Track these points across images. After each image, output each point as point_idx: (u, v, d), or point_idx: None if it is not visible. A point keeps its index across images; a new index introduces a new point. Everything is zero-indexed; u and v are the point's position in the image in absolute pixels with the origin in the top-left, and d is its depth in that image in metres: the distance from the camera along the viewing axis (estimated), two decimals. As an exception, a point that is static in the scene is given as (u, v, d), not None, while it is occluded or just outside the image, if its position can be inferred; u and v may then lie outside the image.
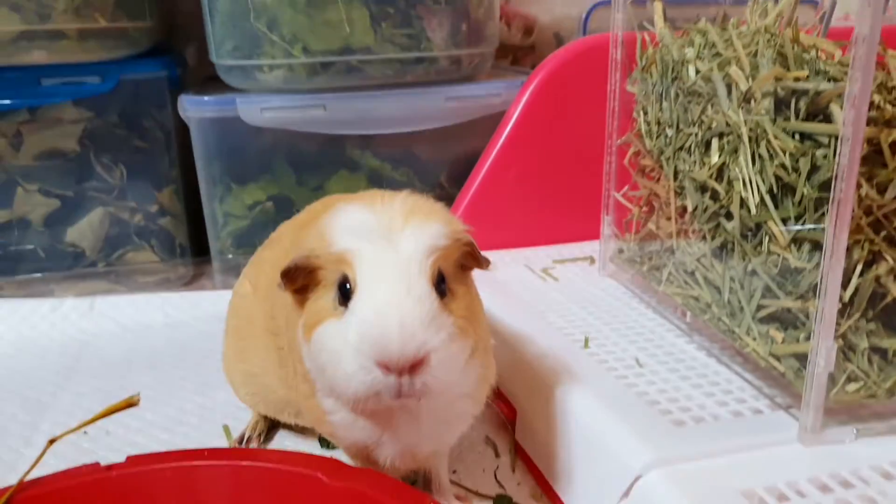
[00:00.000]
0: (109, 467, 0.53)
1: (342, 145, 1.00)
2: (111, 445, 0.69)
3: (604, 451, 0.56)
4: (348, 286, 0.48)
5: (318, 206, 0.67)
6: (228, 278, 1.01)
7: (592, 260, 0.95)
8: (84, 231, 0.99)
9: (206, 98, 0.94)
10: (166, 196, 1.03)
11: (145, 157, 1.01)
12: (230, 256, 1.01)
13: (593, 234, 0.92)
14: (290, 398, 0.60)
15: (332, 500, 0.50)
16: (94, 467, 0.53)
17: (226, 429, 0.73)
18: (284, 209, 0.99)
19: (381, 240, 0.49)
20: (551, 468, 0.62)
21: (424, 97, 0.96)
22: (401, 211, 0.50)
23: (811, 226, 0.56)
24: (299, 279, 0.50)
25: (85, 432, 0.72)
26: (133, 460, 0.54)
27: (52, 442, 0.53)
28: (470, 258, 0.52)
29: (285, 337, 0.57)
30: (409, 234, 0.49)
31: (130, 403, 0.53)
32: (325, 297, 0.49)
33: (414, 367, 0.45)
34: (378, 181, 1.02)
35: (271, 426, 0.73)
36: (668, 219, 0.76)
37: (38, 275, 0.99)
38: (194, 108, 0.94)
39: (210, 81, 1.05)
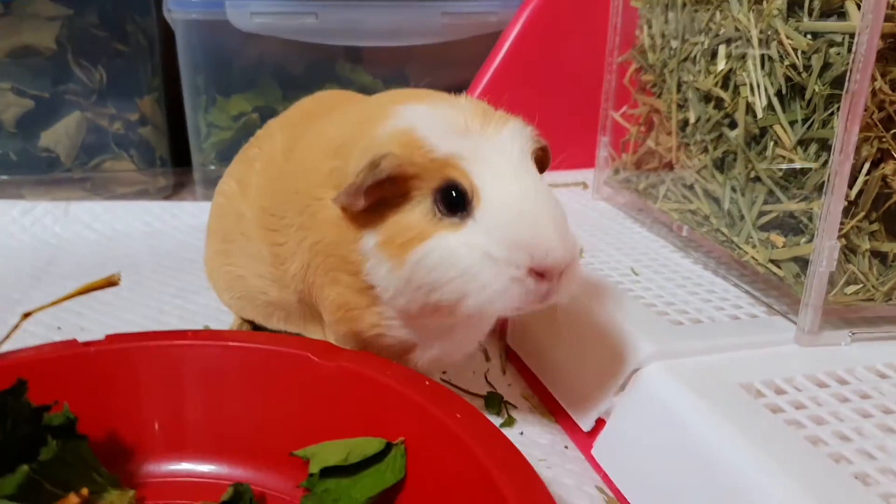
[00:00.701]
0: (87, 343, 0.51)
1: (332, 59, 0.97)
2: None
3: (599, 347, 0.55)
4: (459, 193, 0.43)
5: (309, 103, 0.64)
6: (210, 190, 0.97)
7: (585, 185, 0.93)
8: (59, 135, 0.95)
9: (192, -1, 0.90)
10: (147, 104, 0.99)
11: (126, 61, 0.97)
12: (213, 168, 0.98)
13: (587, 163, 0.91)
14: (281, 299, 0.56)
15: (323, 378, 0.49)
16: (71, 343, 0.51)
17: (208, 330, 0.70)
18: (270, 122, 0.96)
19: (484, 140, 0.45)
20: (543, 368, 0.61)
21: (419, 10, 0.93)
22: (476, 111, 0.46)
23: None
24: (376, 193, 0.44)
25: (59, 328, 0.70)
26: (112, 338, 0.52)
27: (26, 316, 0.50)
28: (543, 159, 0.50)
29: (295, 236, 0.51)
30: (509, 133, 0.45)
31: (111, 282, 0.51)
32: (415, 209, 0.44)
33: (566, 269, 0.43)
34: (368, 98, 0.99)
35: (253, 328, 0.71)
36: (669, 134, 0.74)
37: (7, 177, 0.95)
38: (180, 10, 0.90)
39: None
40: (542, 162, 0.50)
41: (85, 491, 0.44)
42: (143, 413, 0.50)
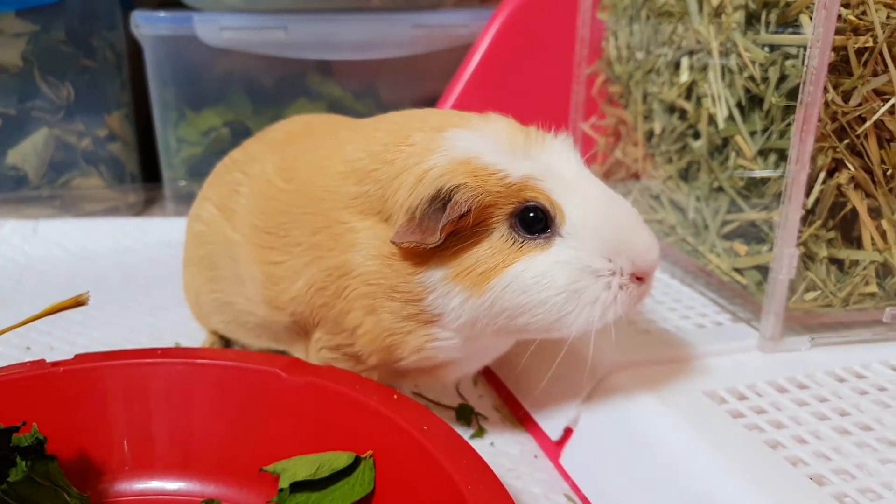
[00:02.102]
0: (56, 363, 0.51)
1: (302, 72, 0.97)
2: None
3: (566, 357, 0.56)
4: (541, 213, 0.43)
5: (292, 125, 0.62)
6: (181, 206, 0.98)
7: (555, 195, 0.94)
8: (27, 153, 0.94)
9: (160, 14, 0.90)
10: (116, 120, 0.99)
11: (94, 77, 0.96)
12: (183, 183, 0.97)
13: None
14: (269, 320, 0.55)
15: (291, 394, 0.49)
16: (39, 363, 0.51)
17: (178, 347, 0.70)
18: (241, 136, 0.95)
19: (543, 155, 0.45)
20: (513, 378, 0.61)
21: (389, 23, 0.94)
22: (512, 129, 0.46)
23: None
24: (450, 228, 0.43)
25: (28, 348, 0.69)
26: (81, 358, 0.52)
27: (-8, 335, 0.50)
28: None
29: (302, 256, 0.50)
30: (559, 146, 0.46)
31: (79, 302, 0.50)
32: (491, 238, 0.44)
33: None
34: (339, 112, 0.99)
35: (226, 345, 0.71)
36: (636, 144, 0.76)
37: (-27, 197, 0.94)
38: (148, 25, 0.90)
39: (165, 2, 1.00)
40: None
41: (53, 512, 0.43)
42: (113, 432, 0.50)
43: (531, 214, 0.43)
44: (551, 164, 0.45)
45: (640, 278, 0.44)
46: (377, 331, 0.48)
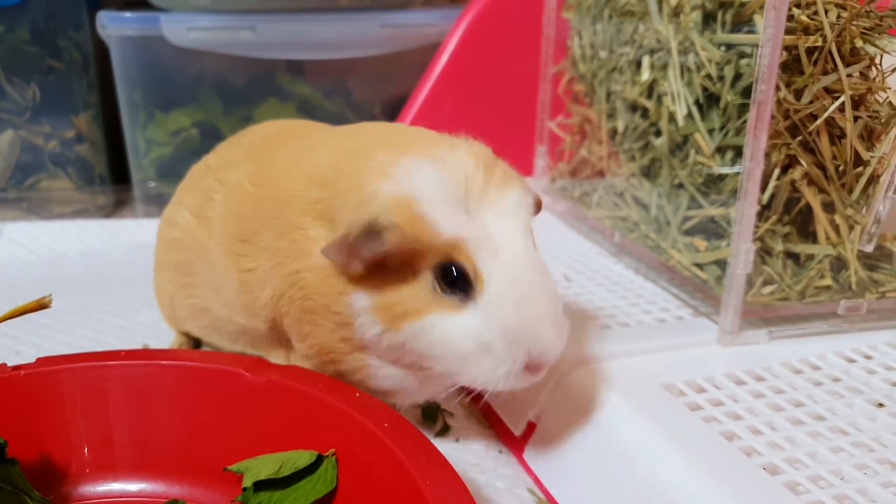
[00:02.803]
0: (18, 367, 0.51)
1: (272, 72, 0.97)
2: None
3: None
4: (461, 274, 0.43)
5: (267, 129, 0.61)
6: (151, 208, 0.97)
7: (525, 193, 0.95)
8: (-7, 155, 0.94)
9: (127, 15, 0.89)
10: (84, 121, 0.98)
11: (60, 78, 0.95)
12: (152, 185, 0.97)
13: (526, 173, 0.92)
14: (248, 327, 0.55)
15: (255, 394, 0.49)
16: (1, 368, 0.51)
17: (146, 348, 0.70)
18: (210, 137, 0.96)
19: (489, 212, 0.44)
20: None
21: (358, 22, 0.94)
22: (477, 163, 0.45)
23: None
24: (374, 261, 0.43)
25: (-7, 350, 0.69)
26: (43, 361, 0.51)
27: (-47, 340, 0.50)
28: (536, 211, 0.49)
29: (269, 261, 0.50)
30: (512, 201, 0.45)
31: (42, 304, 0.50)
32: (415, 282, 0.44)
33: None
34: (309, 111, 0.99)
35: (195, 345, 0.71)
36: (600, 142, 0.77)
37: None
38: (114, 26, 0.90)
39: (132, 2, 1.00)
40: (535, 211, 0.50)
41: (16, 516, 0.43)
42: (75, 435, 0.49)
43: (454, 272, 0.43)
44: (492, 226, 0.44)
45: (535, 367, 0.44)
46: (320, 345, 0.49)
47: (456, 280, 0.43)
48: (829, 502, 0.41)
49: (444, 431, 0.57)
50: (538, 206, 0.49)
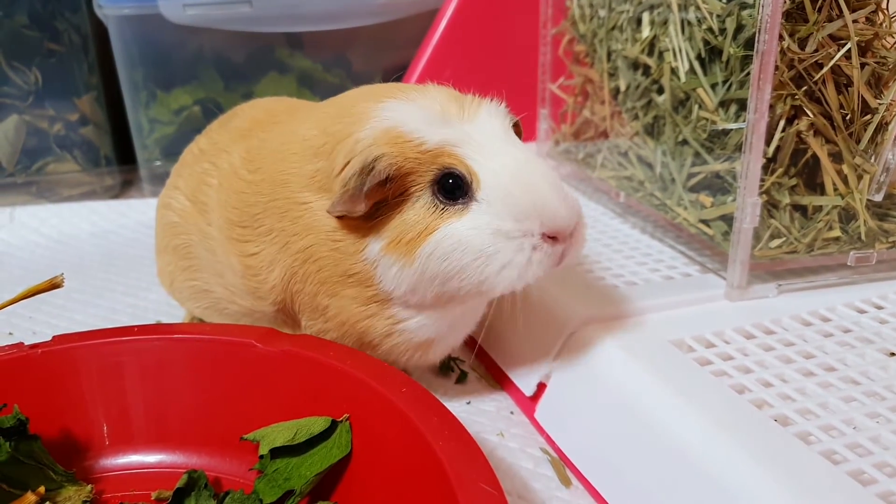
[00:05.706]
0: (34, 346, 0.52)
1: (271, 46, 0.96)
2: (38, 344, 0.67)
3: (538, 313, 0.57)
4: (458, 179, 0.44)
5: (255, 110, 0.61)
6: (158, 187, 0.97)
7: (530, 158, 0.95)
8: (-2, 140, 0.94)
9: (122, -7, 0.89)
10: (87, 103, 0.98)
11: (61, 61, 0.95)
12: (158, 164, 0.97)
13: (529, 136, 0.92)
14: (253, 309, 0.55)
15: (267, 364, 0.50)
16: (18, 346, 0.52)
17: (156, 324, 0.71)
18: (213, 114, 0.95)
19: (467, 123, 0.46)
20: (487, 337, 0.62)
21: (356, -8, 0.93)
22: (449, 97, 0.47)
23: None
24: (375, 196, 0.45)
25: (10, 333, 0.70)
26: (59, 339, 0.52)
27: (-31, 321, 0.50)
28: (517, 134, 0.50)
29: (275, 243, 0.51)
30: (487, 113, 0.47)
31: (54, 284, 0.51)
32: (416, 205, 0.45)
33: (575, 227, 0.45)
34: (310, 84, 0.99)
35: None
36: (603, 103, 0.76)
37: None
38: (111, 5, 0.89)
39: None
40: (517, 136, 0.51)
41: (41, 489, 0.44)
42: (94, 409, 0.51)
43: (450, 181, 0.45)
44: (473, 131, 0.46)
45: (554, 237, 0.45)
46: (344, 316, 0.50)
47: (454, 188, 0.45)
48: (842, 451, 0.41)
49: (462, 378, 0.58)
50: (517, 129, 0.51)
